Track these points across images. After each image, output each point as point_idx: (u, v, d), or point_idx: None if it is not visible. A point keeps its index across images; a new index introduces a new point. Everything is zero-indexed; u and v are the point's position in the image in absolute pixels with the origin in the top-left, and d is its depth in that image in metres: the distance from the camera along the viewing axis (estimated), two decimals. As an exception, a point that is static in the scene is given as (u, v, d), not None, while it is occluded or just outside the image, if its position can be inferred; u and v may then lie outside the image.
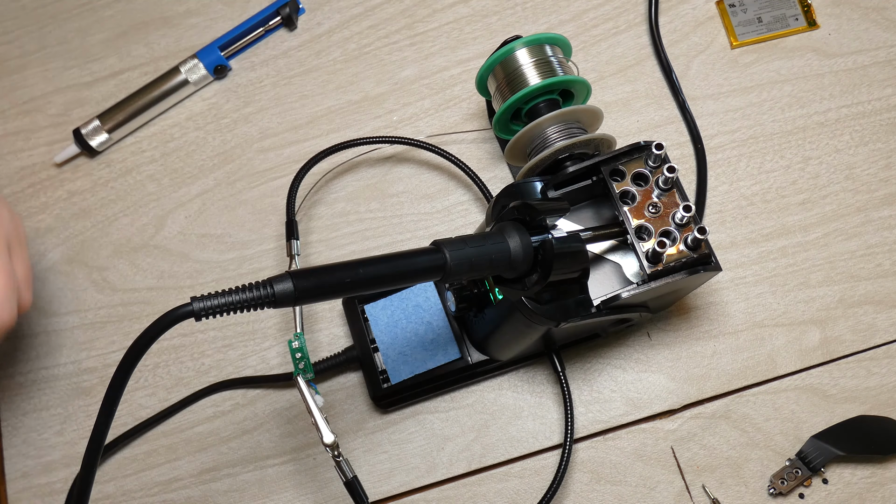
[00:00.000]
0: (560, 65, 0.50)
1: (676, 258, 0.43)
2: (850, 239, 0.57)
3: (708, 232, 0.42)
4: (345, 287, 0.32)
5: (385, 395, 0.52)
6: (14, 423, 0.56)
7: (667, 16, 0.63)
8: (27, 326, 0.58)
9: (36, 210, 0.61)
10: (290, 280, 0.31)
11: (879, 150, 0.59)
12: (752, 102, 0.60)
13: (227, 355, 0.56)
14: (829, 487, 0.52)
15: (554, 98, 0.51)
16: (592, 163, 0.45)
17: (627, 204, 0.44)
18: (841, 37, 0.62)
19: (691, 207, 0.42)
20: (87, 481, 0.34)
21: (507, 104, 0.50)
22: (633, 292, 0.43)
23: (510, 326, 0.45)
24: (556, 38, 0.51)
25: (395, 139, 0.57)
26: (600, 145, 0.49)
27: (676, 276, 0.43)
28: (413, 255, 0.35)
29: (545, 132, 0.49)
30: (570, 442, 0.50)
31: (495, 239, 0.38)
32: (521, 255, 0.38)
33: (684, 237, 0.43)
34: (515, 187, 0.45)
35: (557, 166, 0.48)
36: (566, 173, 0.45)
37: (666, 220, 0.43)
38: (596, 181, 0.45)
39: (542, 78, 0.49)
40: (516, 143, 0.50)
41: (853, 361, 0.55)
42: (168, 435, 0.55)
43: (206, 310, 0.29)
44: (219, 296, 0.30)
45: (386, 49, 0.63)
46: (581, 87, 0.51)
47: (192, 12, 0.65)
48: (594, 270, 0.45)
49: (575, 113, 0.49)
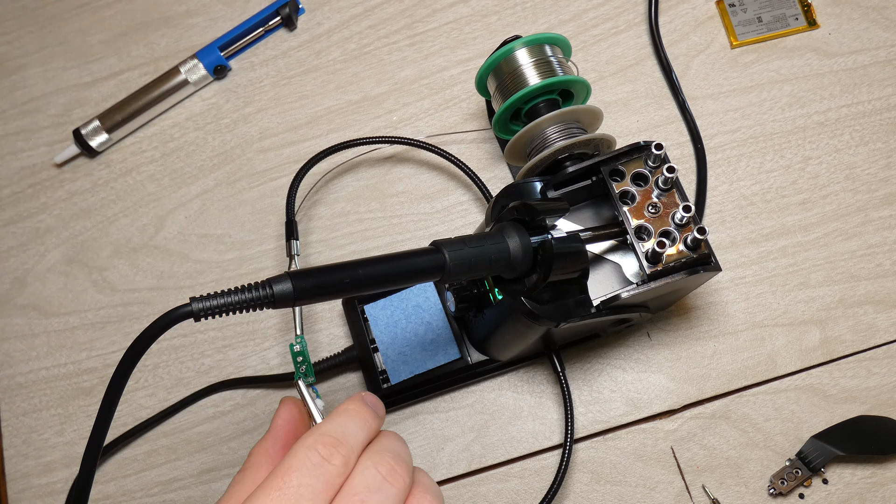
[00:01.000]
0: (560, 65, 0.50)
1: (676, 258, 0.43)
2: (850, 239, 0.57)
3: (708, 232, 0.42)
4: (344, 287, 0.32)
5: (385, 396, 0.52)
6: (14, 423, 0.56)
7: (666, 15, 0.62)
8: (27, 327, 0.58)
9: (36, 210, 0.61)
10: (289, 280, 0.31)
11: (879, 150, 0.59)
12: (752, 102, 0.60)
13: (227, 355, 0.56)
14: (829, 487, 0.52)
15: (554, 98, 0.51)
16: (592, 163, 0.45)
17: (627, 204, 0.44)
18: (841, 36, 0.62)
19: (691, 207, 0.42)
20: (86, 483, 0.34)
21: (507, 104, 0.50)
22: (632, 292, 0.43)
23: (510, 327, 0.45)
24: (555, 37, 0.51)
25: (394, 139, 0.57)
26: (600, 145, 0.49)
27: (676, 276, 0.43)
28: (412, 256, 0.34)
29: (545, 132, 0.49)
30: (570, 442, 0.50)
31: (495, 239, 0.38)
32: (520, 255, 0.38)
33: (684, 237, 0.43)
34: (515, 187, 0.45)
35: (557, 166, 0.48)
36: (566, 173, 0.45)
37: (665, 220, 0.43)
38: (595, 181, 0.45)
39: (541, 78, 0.49)
40: (516, 143, 0.50)
41: (853, 361, 0.54)
42: (168, 435, 0.55)
43: (204, 310, 0.29)
44: (218, 296, 0.30)
45: (386, 49, 0.63)
46: (581, 86, 0.51)
47: (192, 12, 0.65)
48: (594, 270, 0.45)
49: (575, 113, 0.49)
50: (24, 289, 0.59)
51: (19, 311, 0.58)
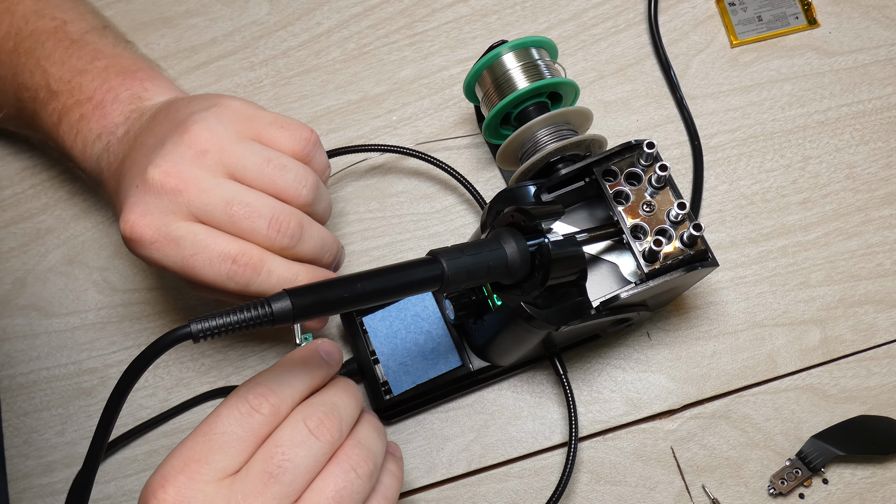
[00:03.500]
0: (547, 67, 0.50)
1: (673, 256, 0.43)
2: (850, 238, 0.57)
3: (704, 228, 0.42)
4: (343, 303, 0.32)
5: (388, 407, 0.51)
6: (15, 423, 0.56)
7: (666, 14, 0.62)
8: (28, 327, 0.58)
9: (37, 211, 0.61)
10: (287, 298, 0.31)
11: (880, 149, 0.59)
12: (752, 101, 0.60)
13: (227, 355, 0.56)
14: (829, 487, 0.52)
15: (543, 101, 0.50)
16: (584, 164, 0.45)
17: (622, 204, 0.44)
18: (841, 35, 0.61)
19: (685, 204, 0.42)
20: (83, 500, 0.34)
21: (497, 109, 0.50)
22: (631, 292, 0.43)
23: (510, 332, 0.45)
24: (541, 40, 0.51)
25: (386, 148, 0.56)
26: (592, 146, 0.49)
27: (674, 273, 0.43)
28: (410, 267, 0.34)
29: (535, 135, 0.49)
30: (574, 443, 0.50)
31: (492, 246, 0.37)
32: (518, 260, 0.38)
33: (680, 234, 0.43)
34: (509, 192, 0.45)
35: (550, 169, 0.47)
36: (559, 176, 0.45)
37: (661, 218, 0.43)
38: (589, 182, 0.45)
39: (529, 81, 0.49)
40: (507, 148, 0.50)
41: (853, 361, 0.54)
42: (169, 435, 0.55)
43: (203, 331, 0.30)
44: (216, 317, 0.30)
45: (385, 49, 0.63)
46: (569, 88, 0.51)
47: (192, 12, 0.65)
48: (591, 272, 0.45)
49: (564, 115, 0.48)
50: (24, 289, 0.59)
51: (20, 312, 0.58)
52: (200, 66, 0.63)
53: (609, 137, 0.59)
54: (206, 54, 0.63)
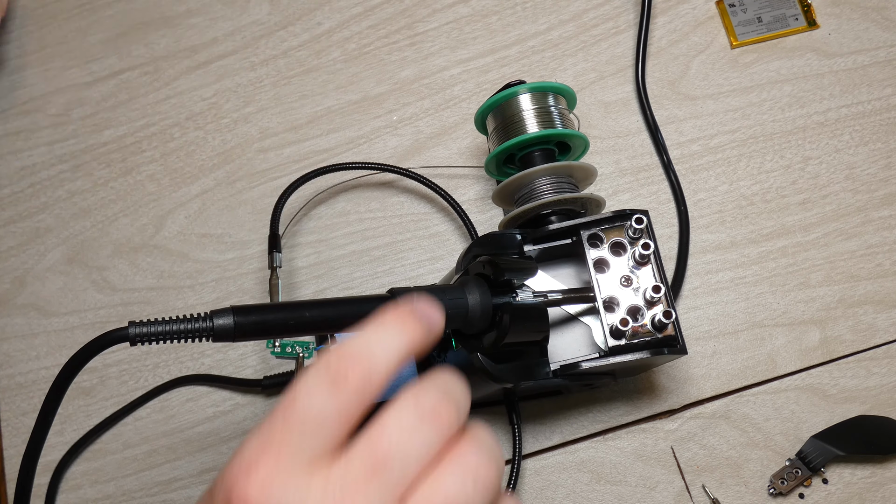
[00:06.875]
0: (561, 116, 0.49)
1: (641, 336, 0.42)
2: (850, 239, 0.57)
3: (674, 316, 0.41)
4: (287, 328, 0.31)
5: None
6: (14, 423, 0.56)
7: (666, 15, 0.63)
8: (27, 326, 0.58)
9: (36, 210, 0.61)
10: (231, 315, 0.30)
11: (879, 150, 0.59)
12: (752, 102, 0.60)
13: (227, 355, 0.56)
14: (829, 487, 0.52)
15: (550, 149, 0.50)
16: (572, 224, 0.44)
17: (602, 272, 0.43)
18: (841, 36, 0.62)
19: (660, 288, 0.42)
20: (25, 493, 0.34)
21: (501, 148, 0.49)
22: (593, 364, 0.42)
23: (467, 376, 0.44)
24: (560, 88, 0.50)
25: (384, 167, 0.56)
26: (588, 204, 0.48)
27: (637, 353, 0.42)
28: (364, 302, 0.33)
29: (535, 182, 0.48)
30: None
31: (455, 294, 0.37)
32: (478, 312, 0.37)
33: (652, 316, 0.42)
34: (491, 237, 0.45)
35: (542, 219, 0.47)
36: (546, 230, 0.44)
37: (637, 295, 0.42)
38: (575, 241, 0.45)
39: (540, 127, 0.48)
40: (505, 189, 0.49)
41: (853, 361, 0.55)
42: (168, 435, 0.55)
43: (141, 335, 0.29)
44: (156, 323, 0.29)
45: (386, 49, 0.63)
46: (579, 141, 0.50)
47: (192, 12, 0.65)
48: (566, 330, 0.44)
49: (569, 168, 0.48)
50: (23, 288, 0.59)
51: (19, 311, 0.58)
52: (201, 65, 0.63)
53: (609, 137, 0.59)
54: (207, 54, 0.63)
